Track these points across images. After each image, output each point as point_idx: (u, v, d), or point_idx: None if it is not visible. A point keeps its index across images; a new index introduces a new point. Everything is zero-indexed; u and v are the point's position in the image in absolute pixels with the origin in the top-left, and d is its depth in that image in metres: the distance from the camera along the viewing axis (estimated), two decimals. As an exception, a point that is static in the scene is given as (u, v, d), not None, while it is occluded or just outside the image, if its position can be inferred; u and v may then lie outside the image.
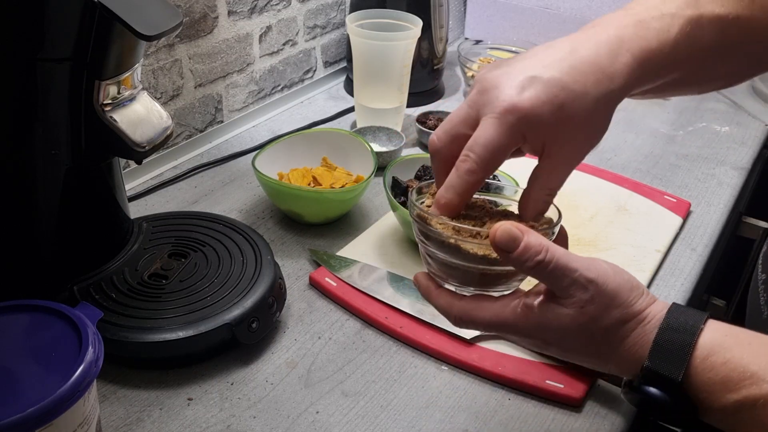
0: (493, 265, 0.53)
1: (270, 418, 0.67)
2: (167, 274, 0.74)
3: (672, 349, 0.49)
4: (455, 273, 0.55)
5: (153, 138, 0.69)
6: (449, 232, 0.53)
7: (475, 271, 0.54)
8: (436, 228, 0.54)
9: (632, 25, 0.53)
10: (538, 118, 0.51)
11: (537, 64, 0.52)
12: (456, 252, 0.53)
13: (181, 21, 0.66)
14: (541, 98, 0.51)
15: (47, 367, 0.53)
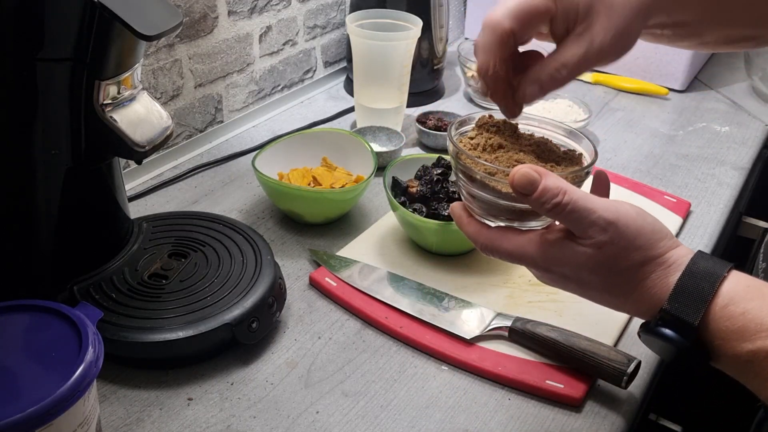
0: (519, 202, 0.55)
1: (270, 418, 0.67)
2: (167, 274, 0.74)
3: (692, 295, 0.50)
4: (487, 206, 0.58)
5: (153, 138, 0.69)
6: (478, 168, 0.56)
7: (504, 206, 0.56)
8: (467, 163, 0.57)
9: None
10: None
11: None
12: (484, 187, 0.56)
13: (181, 21, 0.66)
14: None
15: (47, 367, 0.53)
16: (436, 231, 0.83)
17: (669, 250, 0.52)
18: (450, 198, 0.86)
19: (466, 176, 0.57)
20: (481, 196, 0.57)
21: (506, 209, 0.56)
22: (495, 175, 0.55)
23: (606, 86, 1.35)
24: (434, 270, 0.85)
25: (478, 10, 1.47)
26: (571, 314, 0.79)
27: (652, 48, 1.30)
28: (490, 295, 0.81)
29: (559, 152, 0.60)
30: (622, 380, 0.68)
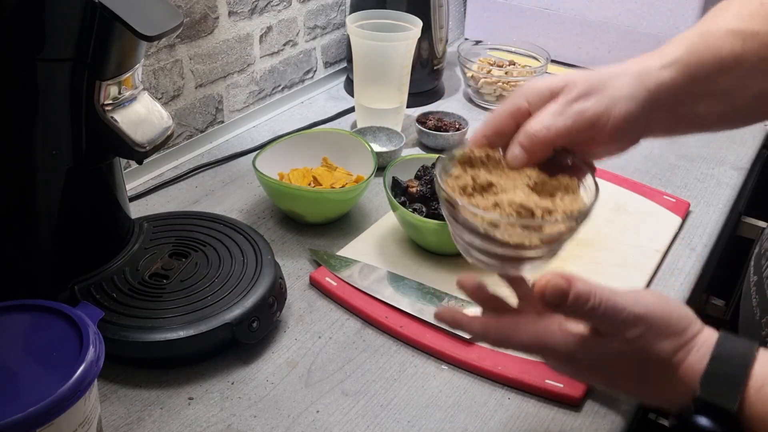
0: (525, 250, 0.52)
1: (270, 417, 0.67)
2: (168, 273, 0.75)
3: (725, 379, 0.48)
4: (484, 254, 0.54)
5: (154, 138, 0.69)
6: (481, 222, 0.52)
7: (503, 254, 0.53)
8: (465, 216, 0.53)
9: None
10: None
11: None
12: (487, 239, 0.53)
13: (182, 21, 0.66)
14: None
15: (48, 366, 0.53)
16: (436, 231, 0.83)
17: (697, 334, 0.51)
18: (450, 198, 0.86)
19: (465, 227, 0.54)
20: (480, 246, 0.54)
21: (505, 257, 0.54)
22: (499, 227, 0.52)
23: (606, 86, 1.35)
24: (434, 270, 0.85)
25: (478, 10, 1.47)
26: (571, 314, 0.79)
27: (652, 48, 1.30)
28: (490, 295, 0.81)
29: (552, 182, 0.56)
30: (621, 380, 0.68)
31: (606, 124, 0.55)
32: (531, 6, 1.39)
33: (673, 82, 0.57)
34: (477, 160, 0.57)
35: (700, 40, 0.58)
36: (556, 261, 0.56)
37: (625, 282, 0.84)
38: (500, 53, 1.35)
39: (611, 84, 0.56)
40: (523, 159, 0.56)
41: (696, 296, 0.90)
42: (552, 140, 0.55)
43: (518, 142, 0.56)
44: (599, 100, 0.55)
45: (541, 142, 0.55)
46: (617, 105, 0.55)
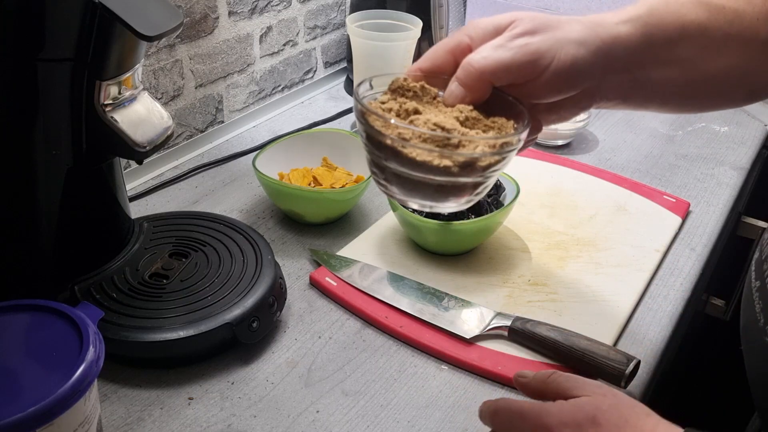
0: (437, 174, 0.47)
1: (270, 417, 0.67)
2: (168, 273, 0.75)
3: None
4: (400, 181, 0.49)
5: (154, 138, 0.69)
6: (390, 131, 0.48)
7: (419, 179, 0.48)
8: (375, 125, 0.49)
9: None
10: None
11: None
12: (396, 156, 0.48)
13: (182, 21, 0.66)
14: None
15: (48, 366, 0.53)
16: (436, 231, 0.83)
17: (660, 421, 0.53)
18: (450, 198, 0.86)
19: (374, 142, 0.48)
20: (393, 168, 0.48)
21: (422, 183, 0.48)
22: (409, 141, 0.47)
23: (606, 86, 1.35)
24: (434, 270, 0.85)
25: (478, 10, 1.47)
26: (571, 314, 0.79)
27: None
28: (490, 295, 0.81)
29: (485, 120, 0.52)
30: (621, 380, 0.69)
31: (549, 64, 0.52)
32: (531, 6, 1.39)
33: (629, 38, 0.54)
34: (409, 91, 0.53)
35: (664, 3, 0.57)
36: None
37: (625, 282, 0.84)
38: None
39: (562, 26, 0.54)
40: (459, 94, 0.53)
41: (696, 296, 0.90)
42: (489, 73, 0.52)
43: (455, 77, 0.53)
44: (545, 39, 0.52)
45: (477, 75, 0.52)
46: (564, 47, 0.52)
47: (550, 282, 0.83)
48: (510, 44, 0.52)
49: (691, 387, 1.37)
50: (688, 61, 0.56)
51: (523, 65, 0.52)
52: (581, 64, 0.52)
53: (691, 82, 0.58)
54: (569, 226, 0.94)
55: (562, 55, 0.52)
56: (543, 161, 1.08)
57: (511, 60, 0.51)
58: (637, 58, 0.55)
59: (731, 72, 0.58)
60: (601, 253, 0.89)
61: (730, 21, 0.57)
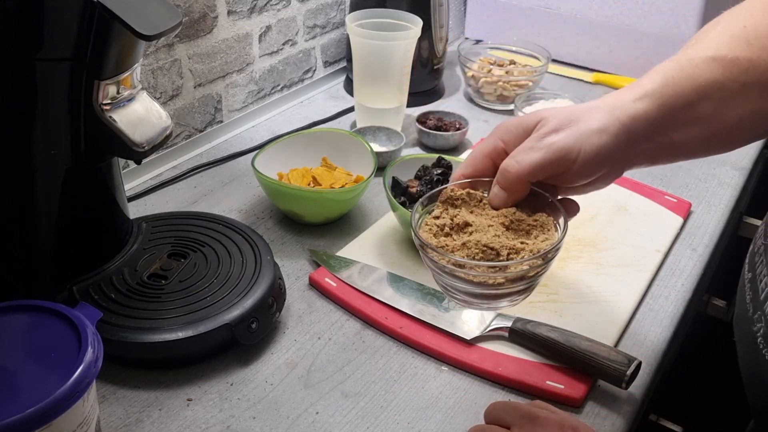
0: (494, 288, 0.56)
1: (270, 418, 0.67)
2: (167, 274, 0.74)
3: None
4: (460, 291, 0.58)
5: (152, 138, 0.69)
6: (446, 261, 0.56)
7: (475, 292, 0.57)
8: (432, 257, 0.57)
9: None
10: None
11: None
12: (455, 278, 0.57)
13: (181, 21, 0.66)
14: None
15: (47, 367, 0.53)
16: (436, 231, 0.83)
17: None
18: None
19: (435, 265, 0.57)
20: (454, 285, 0.57)
21: (478, 294, 0.57)
22: (464, 267, 0.55)
23: (606, 86, 1.35)
24: (434, 270, 0.85)
25: (479, 9, 1.47)
26: (572, 315, 0.79)
27: (653, 47, 1.30)
28: (491, 296, 0.81)
29: (528, 220, 0.59)
30: (622, 381, 0.68)
31: (576, 157, 0.57)
32: (531, 5, 1.39)
33: (647, 113, 0.57)
34: (458, 199, 0.60)
35: (678, 69, 0.58)
36: (534, 292, 0.60)
37: (626, 282, 0.84)
38: (501, 53, 1.35)
39: (583, 119, 0.58)
40: (502, 197, 0.59)
41: (697, 297, 0.90)
42: (525, 175, 0.57)
43: (496, 181, 0.59)
44: (569, 134, 0.57)
45: (515, 179, 0.58)
46: (588, 139, 0.57)
47: (551, 282, 0.83)
48: (539, 145, 0.57)
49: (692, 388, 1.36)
50: (708, 117, 0.58)
51: (554, 162, 0.57)
52: (605, 150, 0.57)
53: (714, 134, 0.60)
54: (570, 227, 0.93)
55: (586, 147, 0.57)
56: (543, 161, 1.07)
57: (542, 160, 0.57)
58: (657, 128, 0.58)
59: (753, 117, 0.59)
60: (602, 254, 0.89)
61: (745, 70, 0.58)
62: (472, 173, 0.61)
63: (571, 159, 0.57)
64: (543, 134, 0.58)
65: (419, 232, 0.59)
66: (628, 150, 0.58)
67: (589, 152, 0.57)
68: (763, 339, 0.63)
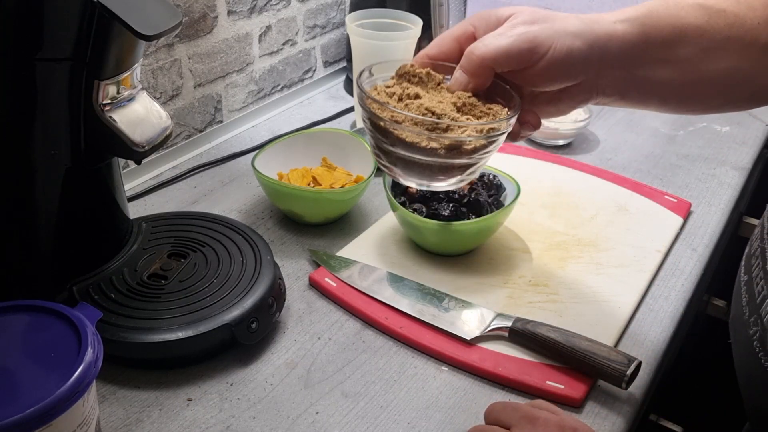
0: (426, 155, 0.52)
1: (269, 418, 0.67)
2: (166, 274, 0.74)
3: None
4: (397, 162, 0.55)
5: (152, 138, 0.69)
6: (384, 114, 0.53)
7: (411, 159, 0.53)
8: (372, 108, 0.54)
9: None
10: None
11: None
12: (388, 136, 0.53)
13: (181, 21, 0.66)
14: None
15: (46, 367, 0.53)
16: (436, 231, 0.83)
17: None
18: (450, 198, 0.86)
19: (372, 124, 0.53)
20: (389, 149, 0.53)
21: (415, 163, 0.53)
22: (401, 123, 0.51)
23: (606, 86, 1.35)
24: (434, 270, 0.85)
25: (479, 9, 1.47)
26: (572, 315, 0.78)
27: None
28: (490, 296, 0.81)
29: (482, 107, 0.55)
30: (622, 381, 0.68)
31: (546, 52, 0.55)
32: (532, 4, 1.39)
33: (624, 35, 0.56)
34: (415, 76, 0.57)
35: (665, 6, 0.58)
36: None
37: (626, 283, 0.84)
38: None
39: (560, 20, 0.56)
40: (463, 81, 0.56)
41: (697, 297, 0.90)
42: (490, 59, 0.55)
43: (460, 66, 0.56)
44: (543, 28, 0.56)
45: (479, 62, 0.55)
46: (561, 38, 0.55)
47: (551, 283, 0.83)
48: (510, 32, 0.56)
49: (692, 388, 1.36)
50: (686, 62, 0.57)
51: (521, 52, 0.55)
52: (576, 54, 0.55)
53: (690, 82, 0.59)
54: (570, 227, 0.93)
55: (558, 45, 0.55)
56: (544, 161, 1.08)
57: (510, 46, 0.55)
58: (633, 55, 0.57)
59: (732, 74, 0.59)
60: (602, 254, 0.88)
61: (730, 24, 0.57)
62: (437, 54, 0.58)
63: (540, 53, 0.55)
64: (516, 24, 0.56)
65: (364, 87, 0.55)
66: (600, 70, 0.56)
67: (559, 51, 0.55)
68: (759, 343, 0.64)
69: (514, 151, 1.10)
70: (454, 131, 0.53)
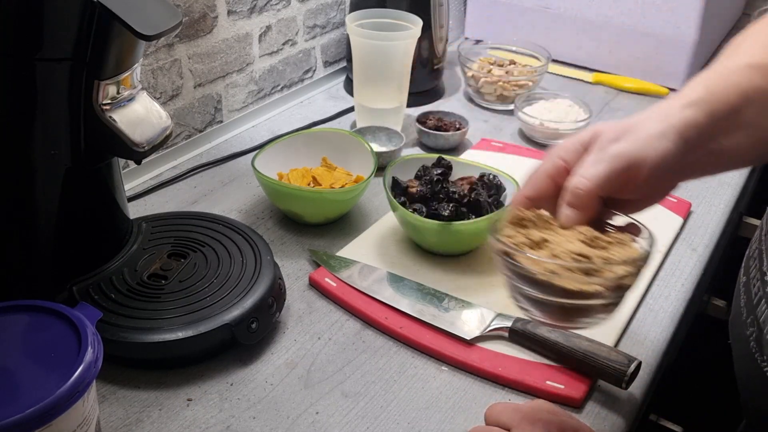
0: (585, 299, 0.52)
1: (270, 418, 0.67)
2: (166, 274, 0.74)
3: None
4: (542, 307, 0.54)
5: (152, 138, 0.69)
6: (538, 268, 0.52)
7: (567, 305, 0.53)
8: (524, 264, 0.53)
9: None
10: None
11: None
12: (546, 288, 0.52)
13: (181, 21, 0.66)
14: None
15: (46, 367, 0.53)
16: (436, 231, 0.83)
17: None
18: (450, 198, 0.86)
19: (524, 278, 0.53)
20: (539, 297, 0.53)
21: (565, 308, 0.53)
22: (558, 274, 0.51)
23: (607, 86, 1.35)
24: (434, 270, 0.85)
25: (479, 9, 1.47)
26: (572, 315, 0.78)
27: (653, 47, 1.30)
28: (491, 296, 0.81)
29: (605, 237, 0.56)
30: (622, 381, 0.68)
31: (643, 165, 0.55)
32: (531, 5, 1.39)
33: (696, 120, 0.56)
34: (527, 221, 0.57)
35: (719, 78, 0.58)
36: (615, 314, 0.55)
37: (625, 282, 0.84)
38: (500, 53, 1.35)
39: (639, 126, 0.56)
40: (574, 217, 0.56)
41: (697, 297, 0.90)
42: (596, 189, 0.55)
43: (566, 202, 0.56)
44: (632, 142, 0.55)
45: (586, 195, 0.55)
46: (651, 144, 0.55)
47: (551, 282, 0.83)
48: (603, 156, 0.55)
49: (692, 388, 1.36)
50: (753, 123, 0.58)
51: (621, 172, 0.55)
52: (670, 155, 0.55)
53: (760, 140, 0.59)
54: (570, 227, 0.93)
55: (651, 153, 0.55)
56: (543, 161, 1.07)
57: (611, 170, 0.54)
58: (707, 135, 0.57)
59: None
60: (602, 254, 0.88)
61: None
62: (536, 195, 0.58)
63: (638, 167, 0.55)
64: (605, 145, 0.56)
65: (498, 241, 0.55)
66: (685, 156, 0.56)
67: (654, 158, 0.55)
68: (756, 343, 0.64)
69: (514, 151, 1.10)
70: (606, 271, 0.52)
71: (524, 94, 1.21)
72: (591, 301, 0.52)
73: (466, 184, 0.90)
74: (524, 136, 1.16)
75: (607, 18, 1.33)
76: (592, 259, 0.52)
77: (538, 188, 0.58)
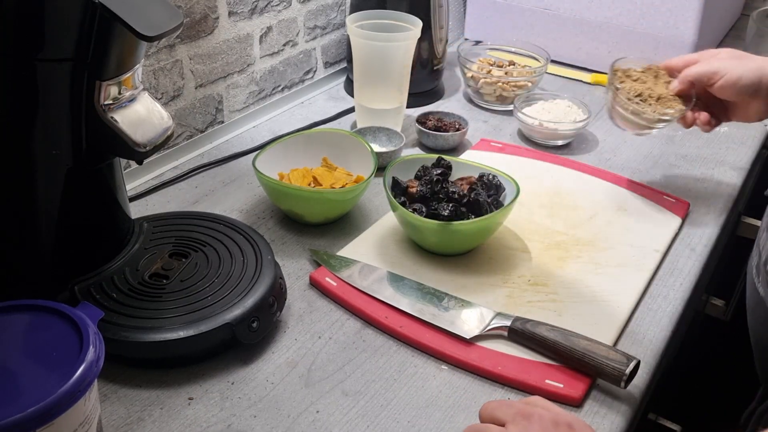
0: (655, 122, 0.96)
1: (270, 417, 0.67)
2: (168, 273, 0.75)
3: None
4: (627, 121, 0.97)
5: (154, 138, 0.69)
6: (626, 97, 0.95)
7: (641, 122, 0.96)
8: (623, 100, 0.95)
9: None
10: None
11: None
12: (636, 114, 0.95)
13: (182, 21, 0.66)
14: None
15: (48, 366, 0.53)
16: (436, 231, 0.83)
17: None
18: (449, 198, 0.87)
19: (619, 103, 0.96)
20: (624, 115, 0.97)
21: (640, 123, 0.97)
22: (642, 103, 0.95)
23: (606, 87, 1.35)
24: (434, 270, 0.85)
25: (478, 10, 1.47)
26: (571, 314, 0.79)
27: (652, 48, 1.31)
28: (490, 295, 0.81)
29: (671, 100, 0.94)
30: (621, 380, 0.69)
31: (721, 77, 0.89)
32: (531, 6, 1.39)
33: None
34: (635, 74, 0.98)
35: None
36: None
37: (625, 282, 0.84)
38: (500, 53, 1.35)
39: (750, 59, 0.90)
40: (675, 88, 0.94)
41: (696, 296, 0.90)
42: (692, 77, 0.92)
43: (678, 79, 0.94)
44: (730, 63, 0.90)
45: (683, 77, 0.93)
46: (737, 69, 0.88)
47: (550, 282, 0.83)
48: (704, 64, 0.93)
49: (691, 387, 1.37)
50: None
51: (704, 75, 0.91)
52: (745, 81, 0.88)
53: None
54: (569, 227, 0.94)
55: (731, 73, 0.89)
56: (543, 161, 1.08)
57: (700, 70, 0.92)
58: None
59: None
60: (601, 254, 0.89)
61: None
62: (675, 65, 0.97)
63: (717, 77, 0.89)
64: (714, 58, 0.93)
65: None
66: (758, 90, 0.89)
67: (730, 77, 0.89)
68: (756, 271, 0.81)
69: (514, 151, 1.10)
70: (666, 108, 0.95)
71: (523, 94, 1.21)
72: (643, 121, 0.95)
73: (466, 184, 0.91)
74: (523, 136, 1.17)
75: (606, 19, 1.33)
76: (647, 101, 0.94)
77: (679, 64, 0.96)
